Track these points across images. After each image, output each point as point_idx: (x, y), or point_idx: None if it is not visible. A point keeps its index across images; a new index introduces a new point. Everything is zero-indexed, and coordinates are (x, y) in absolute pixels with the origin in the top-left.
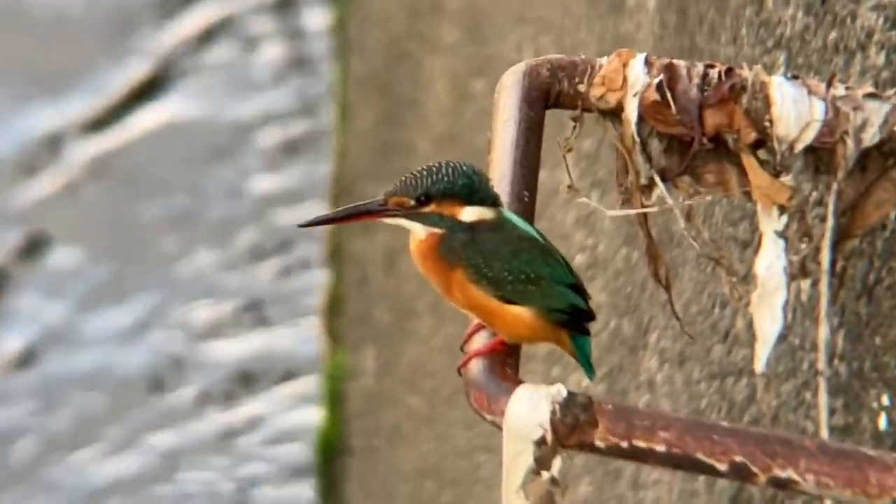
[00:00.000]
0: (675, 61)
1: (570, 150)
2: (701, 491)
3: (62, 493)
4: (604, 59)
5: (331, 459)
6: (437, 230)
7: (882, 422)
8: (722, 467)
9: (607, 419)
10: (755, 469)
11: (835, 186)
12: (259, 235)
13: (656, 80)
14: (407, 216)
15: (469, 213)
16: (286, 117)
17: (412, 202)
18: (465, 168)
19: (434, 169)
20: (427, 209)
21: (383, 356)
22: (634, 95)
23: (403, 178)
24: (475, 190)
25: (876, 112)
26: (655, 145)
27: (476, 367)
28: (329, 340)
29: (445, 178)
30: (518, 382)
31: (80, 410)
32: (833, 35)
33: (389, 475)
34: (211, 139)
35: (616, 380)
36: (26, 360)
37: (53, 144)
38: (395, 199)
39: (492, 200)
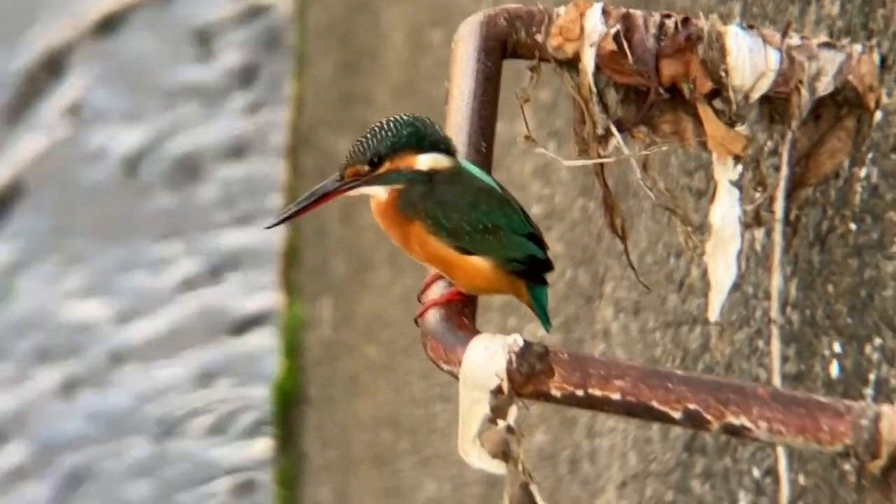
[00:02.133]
0: (631, 11)
1: (527, 101)
2: (655, 438)
3: None
4: (561, 9)
5: (288, 408)
6: (397, 186)
7: (834, 369)
8: (676, 415)
9: (563, 368)
10: (708, 416)
11: (789, 136)
12: (217, 189)
13: (613, 30)
14: (366, 183)
15: (424, 161)
16: (244, 65)
17: (366, 168)
18: (406, 118)
19: (377, 129)
20: (383, 169)
21: (341, 306)
22: (591, 45)
23: (352, 147)
24: (423, 136)
25: (830, 61)
26: (612, 95)
27: (433, 316)
28: (286, 291)
29: (390, 133)
30: (475, 332)
31: None
32: None
33: (347, 424)
34: (160, 88)
35: (572, 329)
36: None
37: None
38: (350, 171)
39: (444, 145)
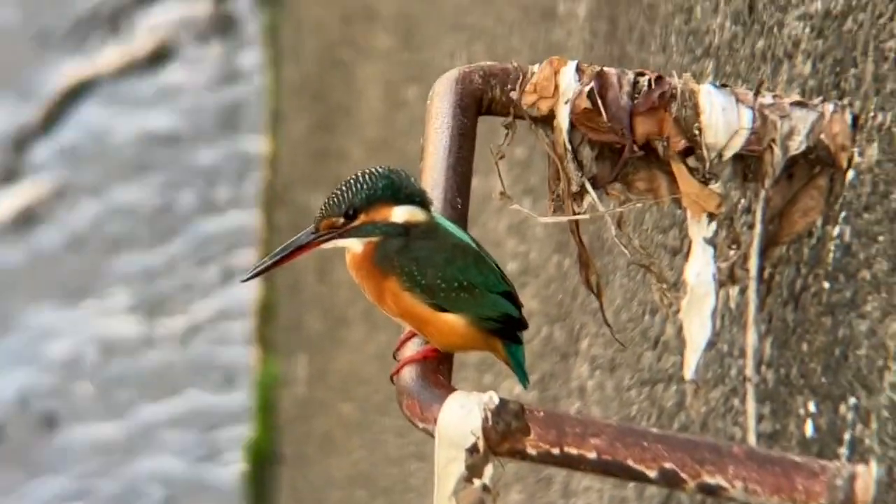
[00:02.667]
0: (605, 69)
1: (502, 157)
2: (631, 497)
3: None
4: (535, 67)
5: (262, 467)
6: (372, 239)
7: (808, 428)
8: (652, 474)
9: (539, 426)
10: (684, 475)
11: (762, 194)
12: (192, 244)
13: (587, 88)
14: (341, 235)
15: (400, 213)
16: (217, 124)
17: (341, 220)
18: (381, 170)
19: (352, 181)
20: (358, 221)
21: (315, 363)
22: (566, 103)
23: (326, 201)
24: (398, 188)
25: (802, 120)
26: (587, 153)
27: (408, 374)
28: (260, 348)
29: (365, 186)
30: (451, 390)
31: None
32: (760, 44)
33: (321, 483)
34: (136, 148)
35: (548, 387)
36: None
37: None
38: (325, 223)
39: (419, 197)
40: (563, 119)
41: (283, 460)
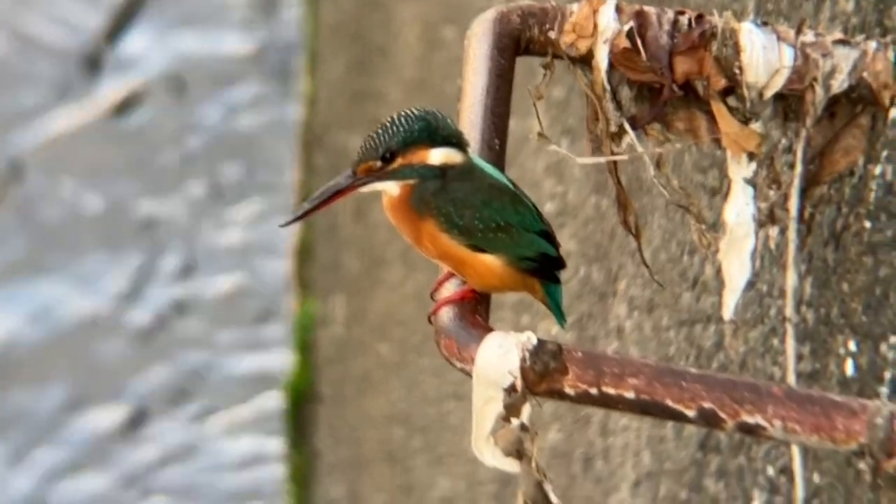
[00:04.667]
0: (645, 8)
1: (540, 98)
2: (669, 437)
3: None
4: (574, 6)
5: (300, 406)
6: (409, 181)
7: (849, 367)
8: (690, 413)
9: (576, 366)
10: (723, 415)
11: (803, 133)
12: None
13: (626, 27)
14: (379, 179)
15: (437, 155)
16: (255, 64)
17: (379, 163)
18: (417, 112)
19: (388, 124)
20: (395, 164)
21: (353, 304)
22: (605, 42)
23: (364, 143)
24: (435, 130)
25: (845, 59)
26: (625, 93)
27: (446, 314)
28: (299, 288)
29: (402, 128)
30: (488, 330)
31: None
32: None
33: (359, 422)
34: (176, 81)
35: (585, 327)
36: None
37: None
38: (363, 167)
39: (456, 139)
40: (601, 59)
41: (321, 399)
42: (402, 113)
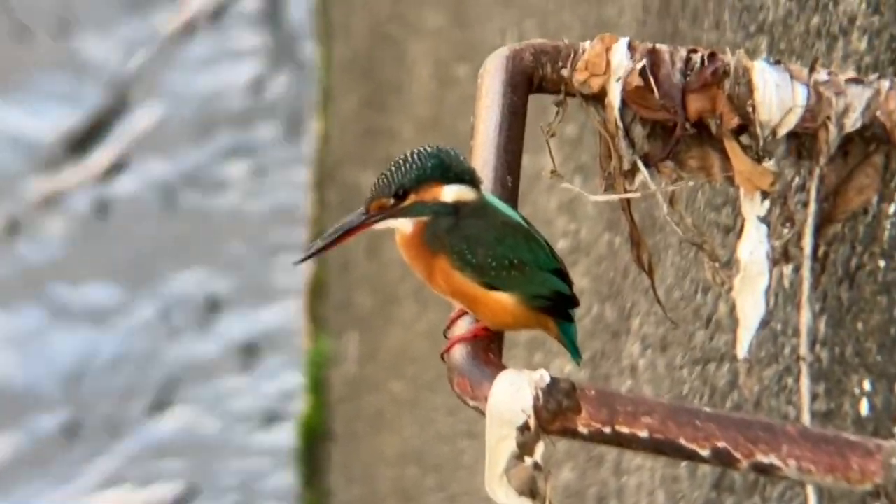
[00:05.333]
0: (658, 46)
1: (553, 135)
2: (683, 476)
3: None
4: (587, 44)
5: (313, 445)
6: (422, 218)
7: (864, 407)
8: (704, 453)
9: (590, 405)
10: (737, 455)
11: (817, 171)
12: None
13: (639, 65)
14: (391, 216)
15: (450, 193)
16: (269, 100)
17: (391, 201)
18: (430, 150)
19: (401, 161)
20: (408, 202)
21: (366, 341)
22: (617, 80)
23: (376, 182)
24: (448, 167)
25: (858, 97)
26: (638, 130)
27: (459, 352)
28: (311, 326)
29: (415, 166)
30: (501, 368)
31: None
32: (815, 20)
33: (372, 460)
34: (192, 120)
35: (598, 365)
36: None
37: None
38: (375, 204)
39: (469, 176)
40: (614, 97)
41: (334, 437)
42: (415, 150)
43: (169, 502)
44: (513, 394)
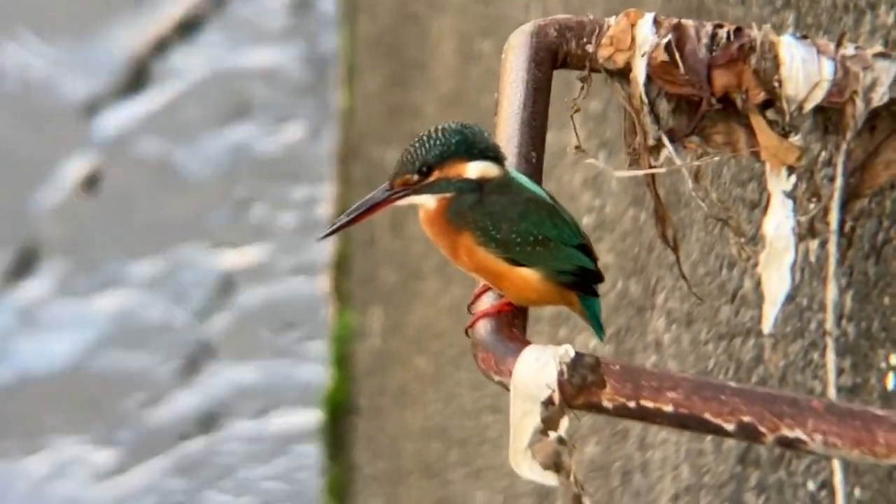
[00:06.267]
0: (683, 21)
1: (577, 111)
2: (708, 451)
3: None
4: (612, 19)
5: (338, 419)
6: (446, 195)
7: (890, 381)
8: (729, 427)
9: (614, 379)
10: (763, 429)
11: (844, 146)
12: (269, 200)
13: (665, 41)
14: (415, 192)
15: (474, 169)
16: (293, 77)
17: (416, 177)
18: (454, 126)
19: (425, 137)
20: (432, 178)
21: (390, 316)
22: (643, 56)
23: (401, 157)
24: (472, 144)
25: (885, 72)
26: (663, 106)
27: (483, 327)
28: (336, 301)
29: (439, 142)
30: (525, 343)
31: None
32: None
33: (396, 435)
34: (218, 98)
35: (623, 340)
36: None
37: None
38: (399, 180)
39: (493, 152)
40: (639, 72)
41: (358, 412)
42: (440, 127)
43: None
44: (537, 369)
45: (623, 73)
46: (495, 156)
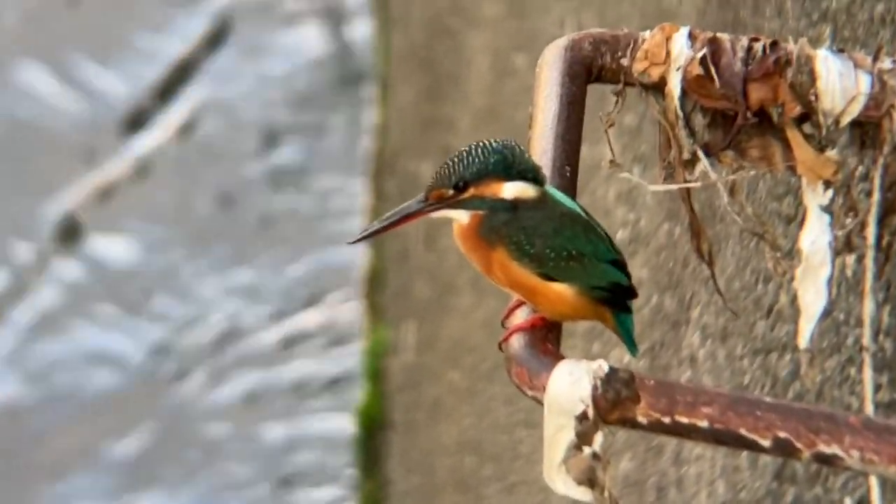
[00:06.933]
0: (718, 35)
1: (612, 125)
2: (744, 466)
3: None
4: (647, 33)
5: (372, 434)
6: (479, 211)
7: None
8: (765, 443)
9: (649, 394)
10: (799, 445)
11: (881, 161)
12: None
13: (700, 54)
14: (449, 206)
15: (510, 190)
16: (328, 91)
17: (451, 192)
18: (495, 145)
19: (465, 153)
20: (467, 194)
21: (424, 331)
22: (678, 69)
23: (438, 170)
24: (510, 164)
25: None
26: (699, 120)
27: (517, 342)
28: (370, 315)
29: (478, 160)
30: (559, 357)
31: None
32: (880, 7)
33: (430, 449)
34: (252, 114)
35: (658, 356)
36: None
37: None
38: (435, 193)
39: (532, 174)
40: (674, 86)
41: (393, 426)
42: (480, 144)
43: None
44: (571, 383)
45: (658, 87)
46: (535, 177)
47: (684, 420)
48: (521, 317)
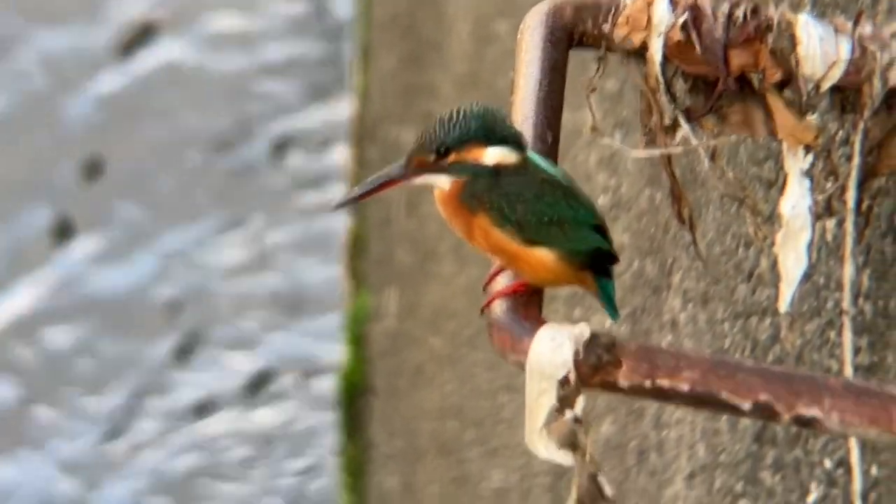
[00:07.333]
0: (700, 1)
1: (593, 91)
2: (724, 430)
3: None
4: None
5: (354, 398)
6: (461, 177)
7: None
8: (745, 406)
9: (630, 359)
10: (779, 408)
11: (861, 125)
12: (283, 179)
13: (681, 20)
14: (430, 172)
15: (491, 155)
16: (307, 59)
17: (432, 157)
18: (476, 110)
19: (446, 119)
20: (448, 160)
21: (406, 297)
22: (659, 35)
23: (419, 136)
24: (492, 129)
25: None
26: (680, 85)
27: (499, 307)
28: (352, 281)
29: (459, 125)
30: (541, 323)
31: None
32: None
33: (412, 414)
34: (230, 82)
35: (639, 320)
36: None
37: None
38: (416, 159)
39: (514, 139)
40: (655, 52)
41: (375, 391)
42: (461, 109)
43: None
44: (553, 348)
45: (639, 53)
46: (516, 142)
47: (665, 384)
48: (502, 283)
